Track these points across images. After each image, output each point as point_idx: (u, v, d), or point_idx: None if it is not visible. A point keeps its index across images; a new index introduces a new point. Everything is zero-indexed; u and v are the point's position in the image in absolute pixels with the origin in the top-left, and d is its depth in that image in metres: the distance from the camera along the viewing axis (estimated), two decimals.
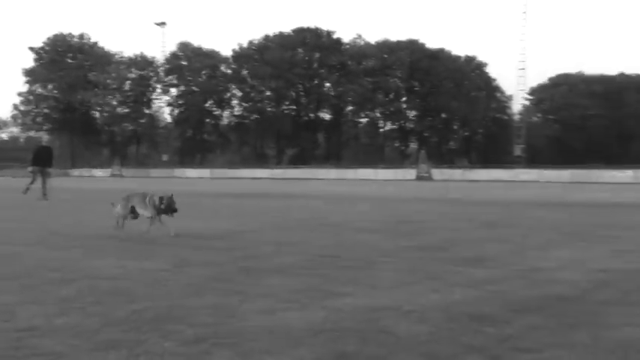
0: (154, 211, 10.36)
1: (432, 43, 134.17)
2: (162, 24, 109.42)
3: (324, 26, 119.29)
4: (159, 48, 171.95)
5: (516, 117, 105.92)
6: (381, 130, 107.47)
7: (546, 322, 4.97)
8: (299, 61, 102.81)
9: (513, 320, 5.00)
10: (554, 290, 6.19)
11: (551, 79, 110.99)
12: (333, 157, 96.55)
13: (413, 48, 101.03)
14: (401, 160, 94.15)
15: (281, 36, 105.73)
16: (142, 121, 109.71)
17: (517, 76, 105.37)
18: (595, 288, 6.34)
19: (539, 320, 5.02)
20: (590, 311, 5.35)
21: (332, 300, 5.69)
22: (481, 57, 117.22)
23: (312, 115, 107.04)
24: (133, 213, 10.73)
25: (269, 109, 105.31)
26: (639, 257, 8.51)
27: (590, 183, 51.38)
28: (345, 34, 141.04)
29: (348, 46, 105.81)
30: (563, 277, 6.89)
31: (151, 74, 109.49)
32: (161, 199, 10.28)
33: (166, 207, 10.24)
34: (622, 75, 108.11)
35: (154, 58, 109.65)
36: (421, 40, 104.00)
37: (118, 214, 10.97)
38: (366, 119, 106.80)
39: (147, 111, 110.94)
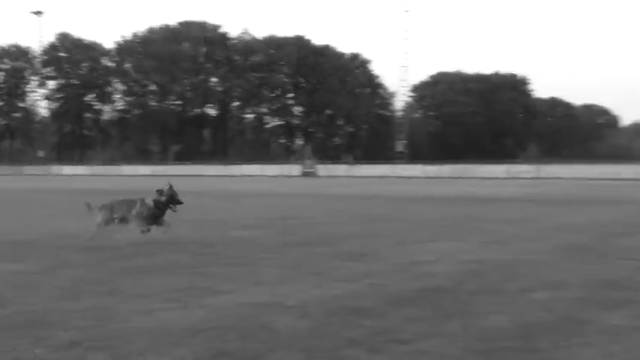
0: (143, 217, 9.11)
1: (317, 39, 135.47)
2: (39, 13, 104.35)
3: (211, 20, 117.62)
4: (35, 38, 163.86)
5: (399, 113, 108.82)
6: (267, 125, 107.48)
7: (422, 313, 5.16)
8: (185, 55, 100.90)
9: (391, 313, 5.15)
10: (431, 282, 6.43)
11: (432, 77, 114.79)
12: (219, 153, 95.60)
13: (299, 44, 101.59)
14: (286, 156, 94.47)
15: (166, 29, 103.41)
16: (16, 115, 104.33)
17: (400, 74, 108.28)
18: (468, 279, 6.63)
19: (415, 312, 5.20)
20: (463, 301, 5.60)
21: (213, 298, 5.66)
22: (365, 54, 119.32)
23: (197, 110, 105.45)
24: (122, 221, 9.31)
25: (153, 103, 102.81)
26: (509, 249, 8.97)
27: (468, 178, 53.56)
28: (232, 28, 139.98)
29: (235, 41, 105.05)
30: (440, 270, 7.17)
31: (26, 66, 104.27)
32: (160, 192, 9.01)
33: (168, 199, 8.95)
34: (496, 74, 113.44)
35: (29, 48, 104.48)
36: (307, 37, 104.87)
37: (99, 219, 9.37)
38: (253, 115, 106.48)
39: (21, 104, 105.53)
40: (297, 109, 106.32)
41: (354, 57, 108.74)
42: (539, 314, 5.12)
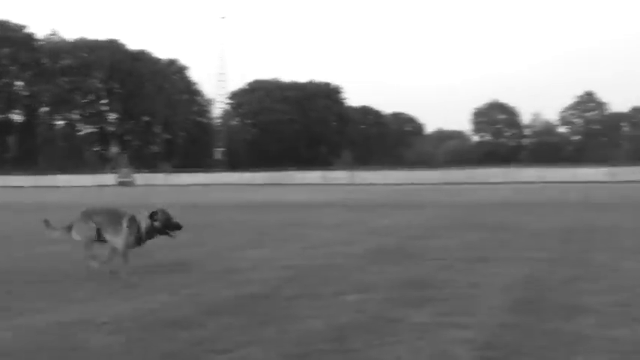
0: (127, 242, 7.41)
1: (133, 44, 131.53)
2: None
3: (14, 20, 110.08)
4: None
5: (216, 121, 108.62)
6: (80, 133, 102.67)
7: (239, 321, 5.18)
8: None
9: (208, 322, 5.13)
10: (248, 290, 6.48)
11: (249, 85, 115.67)
12: (27, 162, 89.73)
13: (113, 48, 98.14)
14: (101, 164, 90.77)
15: None
16: None
17: (217, 81, 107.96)
18: (284, 284, 6.76)
19: (232, 320, 5.21)
20: (279, 307, 5.70)
21: (20, 318, 5.32)
22: (182, 60, 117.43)
23: (0, 116, 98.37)
24: (100, 236, 7.56)
25: None
26: (324, 253, 9.25)
27: (285, 185, 54.57)
28: (39, 29, 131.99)
29: (42, 43, 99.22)
30: (256, 277, 7.24)
31: None
32: (153, 214, 7.50)
33: (164, 223, 7.53)
34: (311, 83, 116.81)
35: None
36: (121, 41, 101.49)
37: (80, 239, 7.66)
38: (64, 121, 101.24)
39: None
40: (112, 116, 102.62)
41: (171, 63, 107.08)
42: (352, 316, 5.33)
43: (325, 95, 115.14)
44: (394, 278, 7.09)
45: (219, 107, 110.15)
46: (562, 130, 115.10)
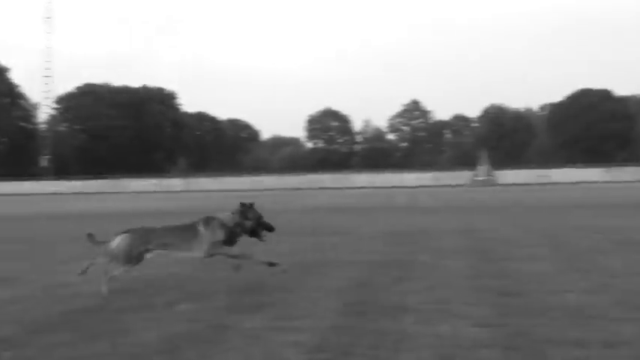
0: (209, 245, 6.68)
1: None
2: None
3: None
4: None
5: (42, 126, 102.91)
6: None
7: (68, 337, 4.99)
8: None
9: (34, 340, 4.90)
10: (76, 304, 6.25)
11: (78, 88, 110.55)
12: None
13: None
14: None
15: None
16: None
17: (43, 84, 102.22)
18: (115, 297, 6.56)
19: (61, 336, 5.01)
20: (111, 320, 5.55)
21: None
22: (2, 61, 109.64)
23: None
24: (140, 257, 6.72)
25: None
26: (156, 263, 8.99)
27: (118, 193, 52.81)
28: None
29: None
30: (85, 290, 6.96)
31: None
32: (245, 211, 6.80)
33: (256, 223, 6.81)
34: (145, 87, 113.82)
35: None
36: None
37: (112, 259, 6.66)
38: None
39: None
40: None
41: None
42: (185, 325, 5.30)
43: (159, 101, 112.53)
44: (228, 285, 7.12)
45: (45, 112, 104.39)
46: (391, 136, 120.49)
